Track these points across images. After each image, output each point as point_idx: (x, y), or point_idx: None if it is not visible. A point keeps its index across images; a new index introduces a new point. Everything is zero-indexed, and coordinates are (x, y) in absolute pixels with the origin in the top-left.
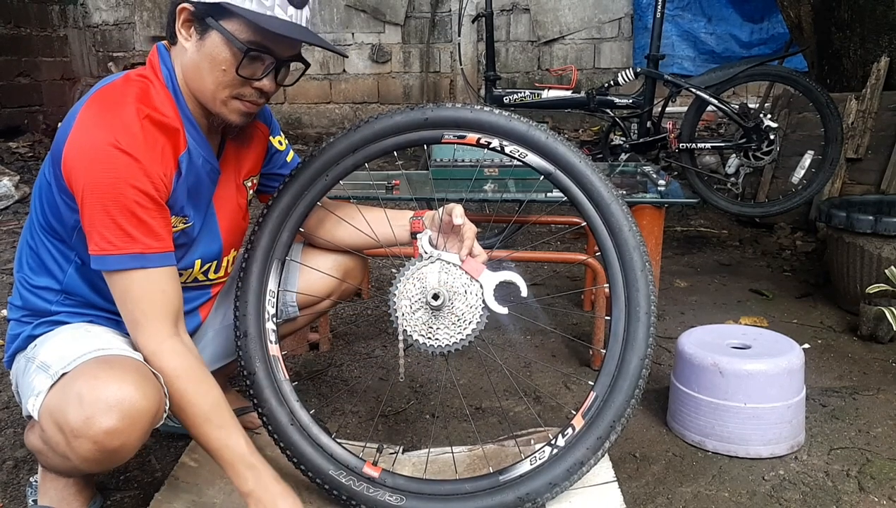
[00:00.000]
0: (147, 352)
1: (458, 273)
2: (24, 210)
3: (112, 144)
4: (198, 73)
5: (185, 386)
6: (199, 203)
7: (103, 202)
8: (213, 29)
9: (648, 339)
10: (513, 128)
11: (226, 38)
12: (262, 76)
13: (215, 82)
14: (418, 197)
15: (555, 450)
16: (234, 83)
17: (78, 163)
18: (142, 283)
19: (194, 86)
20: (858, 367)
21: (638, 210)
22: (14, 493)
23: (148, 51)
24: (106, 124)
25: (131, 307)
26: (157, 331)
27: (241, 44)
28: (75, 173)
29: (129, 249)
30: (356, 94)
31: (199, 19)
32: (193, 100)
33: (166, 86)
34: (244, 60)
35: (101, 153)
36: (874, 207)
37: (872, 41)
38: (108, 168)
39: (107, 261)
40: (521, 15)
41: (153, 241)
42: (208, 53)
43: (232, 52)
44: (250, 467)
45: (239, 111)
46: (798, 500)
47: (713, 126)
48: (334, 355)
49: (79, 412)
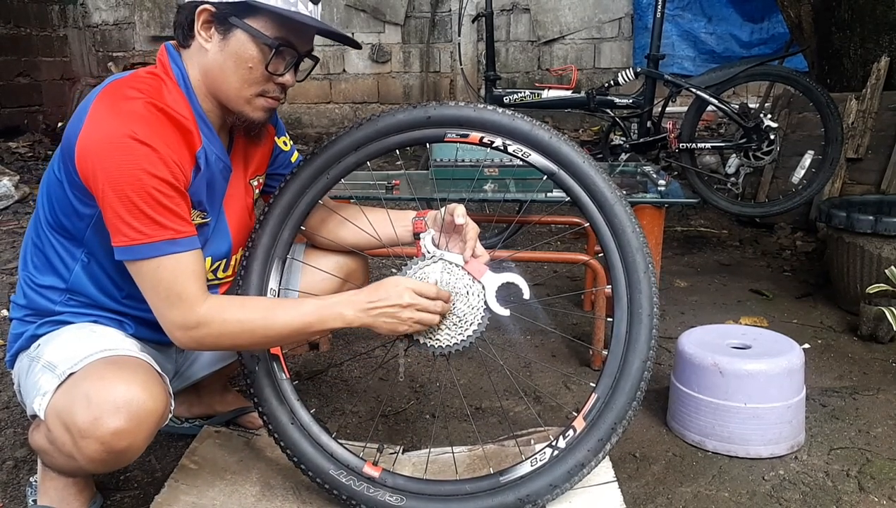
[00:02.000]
0: (190, 324)
1: (461, 273)
2: (24, 210)
3: (128, 135)
4: (222, 73)
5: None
6: (213, 200)
7: (126, 193)
8: (237, 28)
9: (650, 341)
10: (516, 127)
11: (252, 35)
12: (285, 71)
13: (241, 80)
14: (419, 197)
15: (556, 452)
16: (260, 80)
17: (94, 157)
18: (174, 267)
19: (217, 87)
20: (858, 367)
21: (638, 210)
22: (14, 493)
23: (148, 51)
24: (120, 116)
25: (164, 291)
26: (193, 303)
27: (271, 40)
28: (92, 167)
29: (161, 236)
30: (356, 94)
31: (222, 19)
32: (207, 100)
33: (178, 85)
34: (273, 56)
35: (119, 145)
36: (874, 207)
37: (872, 41)
38: (127, 159)
39: (139, 251)
40: (521, 15)
41: (182, 226)
42: (234, 52)
43: (259, 48)
44: (331, 306)
45: (262, 108)
46: (798, 500)
47: (713, 126)
48: (334, 355)
49: (87, 412)
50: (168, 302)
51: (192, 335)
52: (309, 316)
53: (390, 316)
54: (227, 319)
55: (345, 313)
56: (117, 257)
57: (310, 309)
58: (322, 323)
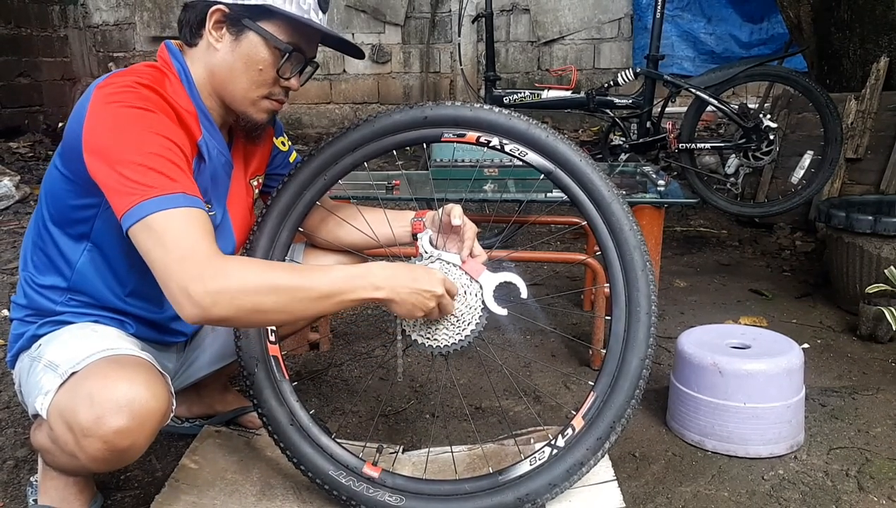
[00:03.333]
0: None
1: (459, 273)
2: (24, 210)
3: (133, 106)
4: (230, 74)
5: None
6: (218, 195)
7: (132, 154)
8: (250, 30)
9: (649, 340)
10: (513, 126)
11: (265, 38)
12: (292, 75)
13: (250, 81)
14: (418, 197)
15: (555, 451)
16: (268, 82)
17: (100, 135)
18: (186, 219)
19: (224, 87)
20: (858, 367)
21: (638, 210)
22: (14, 493)
23: (148, 51)
24: (122, 97)
25: (175, 245)
26: (210, 255)
27: (284, 44)
28: (98, 145)
29: (172, 189)
30: (356, 95)
31: (235, 21)
32: (211, 98)
33: (181, 79)
34: (285, 61)
35: (123, 116)
36: (874, 207)
37: (872, 41)
38: (133, 124)
39: (148, 206)
40: (521, 15)
41: (192, 186)
42: (245, 54)
43: (271, 52)
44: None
45: (267, 110)
46: (797, 500)
47: (713, 126)
48: (334, 355)
49: (89, 411)
50: (180, 258)
51: (208, 288)
52: (340, 282)
53: (419, 298)
54: (249, 274)
55: (376, 281)
56: (125, 226)
57: (341, 276)
58: (353, 291)
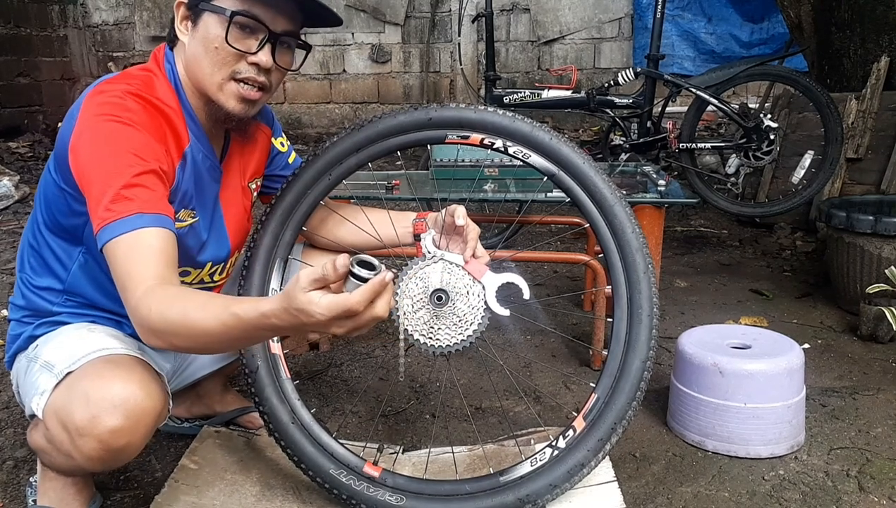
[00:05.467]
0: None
1: (461, 274)
2: (24, 210)
3: (116, 120)
4: (196, 62)
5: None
6: (204, 200)
7: (106, 175)
8: (204, 11)
9: (650, 341)
10: (517, 128)
11: (215, 13)
12: (257, 50)
13: (211, 63)
14: (419, 197)
15: (556, 452)
16: (227, 59)
17: (84, 146)
18: (132, 243)
19: (196, 78)
20: (858, 367)
21: (638, 210)
22: (14, 493)
23: (148, 51)
24: (110, 109)
25: (118, 273)
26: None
27: (229, 11)
28: (81, 157)
29: (128, 211)
30: (356, 94)
31: (193, 7)
32: (195, 96)
33: (169, 80)
34: (231, 28)
35: (105, 130)
36: (874, 207)
37: (872, 41)
38: (112, 142)
39: (110, 230)
40: (521, 15)
41: (152, 202)
42: (202, 36)
43: (221, 23)
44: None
45: (237, 95)
46: (798, 500)
47: (713, 126)
48: (334, 355)
49: (84, 411)
50: (122, 288)
51: (136, 320)
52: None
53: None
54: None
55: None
56: (99, 246)
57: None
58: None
